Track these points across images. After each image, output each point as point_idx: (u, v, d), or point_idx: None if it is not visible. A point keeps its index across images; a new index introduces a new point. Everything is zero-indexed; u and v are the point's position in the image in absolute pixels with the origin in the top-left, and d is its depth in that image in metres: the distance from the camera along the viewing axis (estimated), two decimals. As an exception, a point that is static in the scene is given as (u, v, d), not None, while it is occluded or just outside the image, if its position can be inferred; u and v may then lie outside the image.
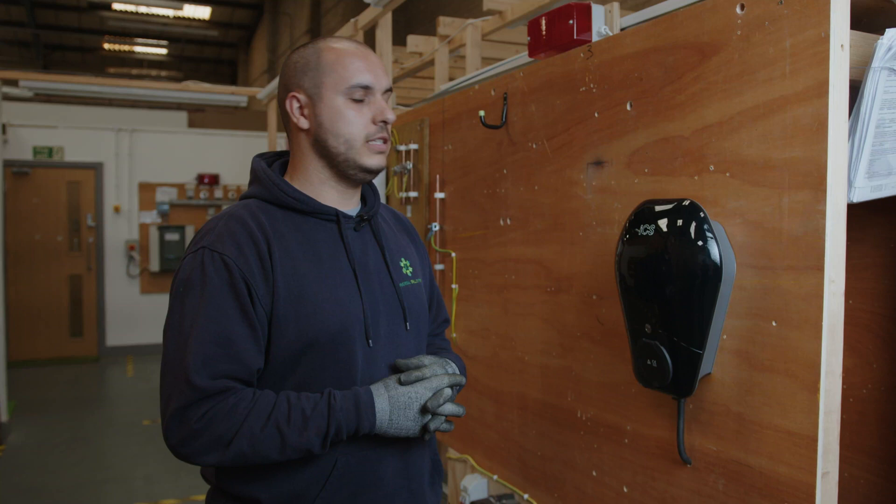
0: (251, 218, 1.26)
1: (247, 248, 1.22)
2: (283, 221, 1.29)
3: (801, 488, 1.17)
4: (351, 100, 1.28)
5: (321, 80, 1.28)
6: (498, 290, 2.10)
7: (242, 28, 16.23)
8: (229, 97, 6.32)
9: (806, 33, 1.15)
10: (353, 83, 1.27)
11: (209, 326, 1.18)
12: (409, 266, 1.42)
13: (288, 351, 1.23)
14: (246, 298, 1.20)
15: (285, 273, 1.23)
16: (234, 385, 1.18)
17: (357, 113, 1.28)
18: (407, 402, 1.23)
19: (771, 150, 1.22)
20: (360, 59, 1.29)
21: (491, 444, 2.15)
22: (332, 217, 1.31)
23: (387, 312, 1.32)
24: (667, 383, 1.33)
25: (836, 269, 1.14)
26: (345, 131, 1.28)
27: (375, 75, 1.30)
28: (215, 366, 1.17)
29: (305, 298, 1.23)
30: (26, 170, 8.21)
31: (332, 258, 1.29)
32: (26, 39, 15.65)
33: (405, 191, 2.61)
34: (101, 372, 8.22)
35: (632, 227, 1.37)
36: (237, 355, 1.18)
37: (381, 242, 1.37)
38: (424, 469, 1.39)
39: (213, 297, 1.19)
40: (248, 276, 1.20)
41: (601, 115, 1.63)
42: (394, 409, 1.22)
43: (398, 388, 1.24)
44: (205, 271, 1.20)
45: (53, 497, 4.45)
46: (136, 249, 8.72)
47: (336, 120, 1.28)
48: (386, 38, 3.18)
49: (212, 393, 1.16)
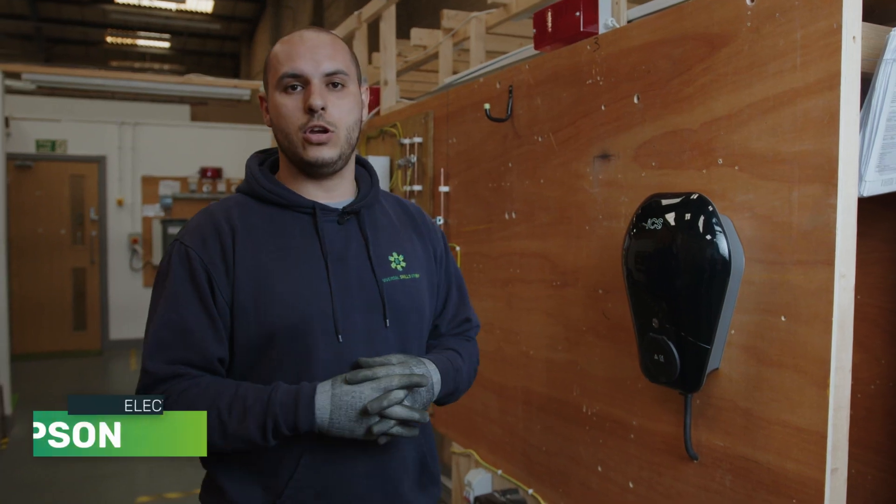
0: (222, 211, 1.28)
1: (211, 240, 1.24)
2: (259, 215, 1.29)
3: (809, 485, 1.16)
4: (283, 91, 1.25)
5: (267, 78, 1.30)
6: (502, 284, 2.09)
7: (245, 21, 16.18)
8: (232, 90, 6.30)
9: (817, 24, 1.14)
10: (281, 73, 1.25)
11: (166, 315, 1.22)
12: (401, 261, 1.36)
13: (251, 341, 1.24)
14: (206, 288, 1.22)
15: (247, 264, 1.24)
16: (188, 371, 1.21)
17: (291, 104, 1.25)
18: (350, 402, 1.17)
19: (780, 144, 1.20)
20: (292, 47, 1.26)
21: (495, 439, 2.14)
22: (307, 210, 1.30)
23: (363, 307, 1.28)
24: (674, 378, 1.32)
25: (846, 264, 1.13)
26: (282, 125, 1.26)
27: (306, 61, 1.24)
28: (169, 352, 1.20)
29: (265, 290, 1.23)
30: (29, 163, 8.20)
31: (303, 251, 1.27)
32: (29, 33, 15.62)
33: (409, 184, 2.60)
34: (104, 365, 8.22)
35: (639, 221, 1.36)
36: (193, 343, 1.21)
37: (366, 236, 1.33)
38: (405, 471, 1.33)
39: (174, 286, 1.23)
40: (209, 266, 1.23)
41: (608, 107, 1.62)
42: (335, 409, 1.17)
43: (342, 387, 1.18)
44: (171, 263, 1.25)
45: (57, 490, 4.46)
46: (140, 243, 8.71)
47: (276, 115, 1.27)
48: (390, 31, 3.16)
49: (164, 377, 1.19)
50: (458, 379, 1.35)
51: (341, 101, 1.26)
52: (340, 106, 1.25)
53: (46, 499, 4.35)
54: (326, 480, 1.25)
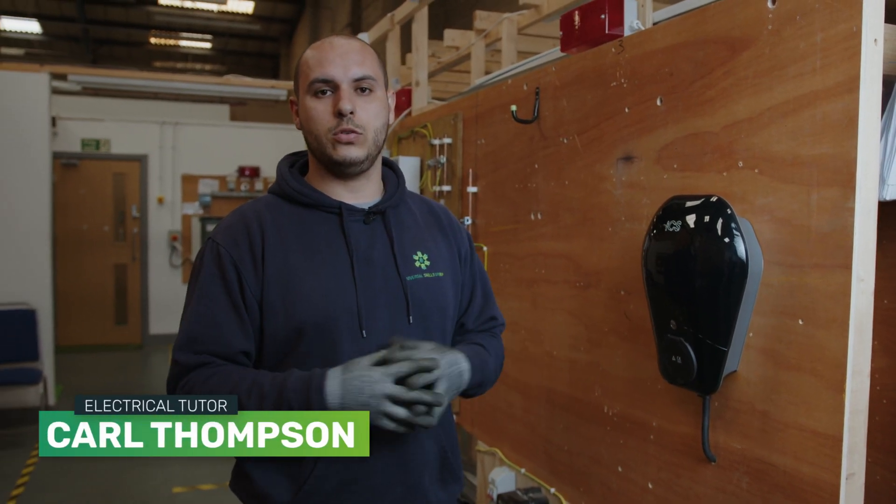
0: (253, 212, 1.34)
1: (241, 238, 1.30)
2: (288, 215, 1.34)
3: (825, 489, 1.16)
4: (313, 96, 1.31)
5: (298, 82, 1.35)
6: (528, 284, 2.10)
7: (284, 22, 16.38)
8: (269, 91, 6.40)
9: (837, 27, 1.13)
10: (312, 78, 1.30)
11: (198, 309, 1.29)
12: (426, 259, 1.39)
13: (279, 336, 1.29)
14: (234, 285, 1.28)
15: (275, 262, 1.29)
16: (213, 360, 1.27)
17: (321, 108, 1.31)
18: (359, 387, 1.17)
19: (800, 147, 1.20)
20: (322, 53, 1.32)
21: (519, 438, 2.16)
22: (334, 210, 1.34)
23: (388, 305, 1.32)
24: (691, 380, 1.33)
25: (865, 268, 1.12)
26: (312, 128, 1.32)
27: (335, 66, 1.30)
28: (198, 344, 1.27)
29: (293, 287, 1.28)
30: (74, 161, 8.43)
31: (330, 250, 1.31)
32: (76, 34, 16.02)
33: (438, 184, 2.63)
34: (144, 359, 8.42)
35: (659, 222, 1.37)
36: (219, 336, 1.27)
37: (391, 235, 1.37)
38: (426, 464, 1.35)
39: (205, 283, 1.30)
40: (238, 263, 1.29)
41: (631, 110, 1.62)
42: (346, 393, 1.17)
43: (353, 372, 1.18)
44: (203, 259, 1.32)
45: (98, 479, 4.59)
46: (179, 240, 8.89)
47: (306, 118, 1.32)
48: (422, 32, 3.19)
49: (192, 367, 1.26)
50: (484, 371, 1.37)
51: (369, 105, 1.31)
52: (368, 110, 1.31)
53: (88, 485, 4.48)
54: (348, 471, 1.28)
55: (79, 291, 8.56)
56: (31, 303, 5.81)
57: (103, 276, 8.72)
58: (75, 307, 8.55)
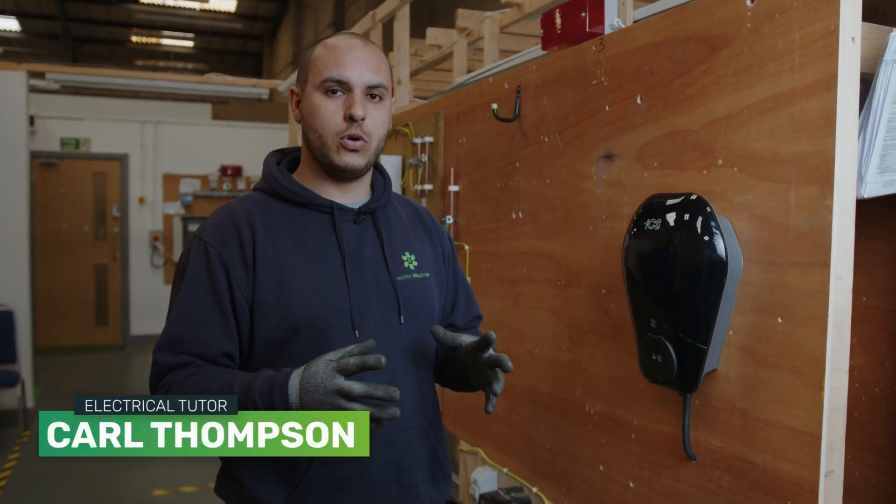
0: (242, 210, 1.31)
1: (230, 237, 1.28)
2: (278, 213, 1.32)
3: (804, 486, 1.16)
4: (324, 94, 1.28)
5: (306, 76, 1.32)
6: (510, 283, 2.10)
7: (267, 20, 16.30)
8: (251, 89, 6.36)
9: (815, 25, 1.14)
10: (326, 76, 1.28)
11: (181, 309, 1.27)
12: (413, 260, 1.40)
13: (272, 336, 1.27)
14: (222, 284, 1.26)
15: (267, 262, 1.27)
16: (192, 360, 1.25)
17: (331, 108, 1.28)
18: (314, 384, 1.14)
19: (779, 145, 1.20)
20: (342, 53, 1.29)
21: (501, 437, 2.15)
22: (326, 209, 1.33)
23: (379, 304, 1.32)
24: (671, 378, 1.32)
25: (843, 265, 1.13)
26: (318, 125, 1.29)
27: (353, 69, 1.28)
28: (180, 345, 1.25)
29: (285, 286, 1.26)
30: (54, 160, 8.34)
31: (322, 249, 1.30)
32: (56, 32, 15.86)
33: (420, 183, 2.62)
34: (125, 360, 8.34)
35: (639, 221, 1.36)
36: (202, 337, 1.25)
37: (380, 235, 1.37)
38: (420, 463, 1.36)
39: (191, 282, 1.27)
40: (227, 263, 1.26)
41: (612, 108, 1.62)
42: (303, 392, 1.15)
43: (311, 367, 1.15)
44: (189, 258, 1.29)
45: (78, 481, 4.53)
46: (160, 240, 8.82)
47: (312, 114, 1.29)
48: (403, 31, 3.18)
49: (172, 367, 1.24)
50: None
51: (378, 113, 1.31)
52: (377, 117, 1.30)
53: (67, 490, 4.43)
54: (343, 470, 1.27)
55: (58, 292, 8.47)
56: (8, 304, 5.73)
57: (83, 277, 8.63)
58: (55, 308, 8.46)
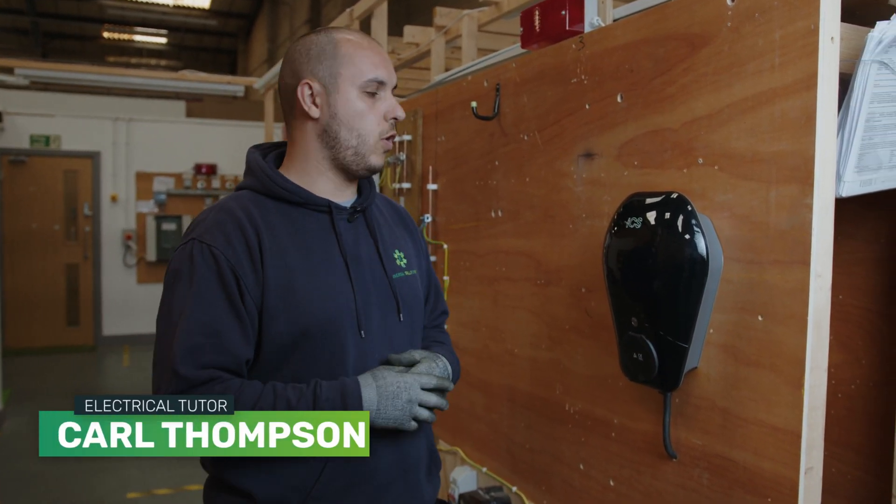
0: (241, 209, 1.26)
1: (235, 239, 1.22)
2: (275, 213, 1.28)
3: (784, 484, 1.16)
4: (365, 94, 1.28)
5: (338, 71, 1.28)
6: (489, 282, 2.09)
7: (242, 17, 16.16)
8: (226, 87, 6.30)
9: (795, 25, 1.14)
10: (370, 77, 1.28)
11: (196, 317, 1.18)
12: (403, 257, 1.41)
13: (279, 342, 1.23)
14: (234, 289, 1.20)
15: (275, 264, 1.23)
16: (220, 374, 1.19)
17: (370, 108, 1.29)
18: (395, 392, 1.21)
19: (759, 144, 1.21)
20: (376, 54, 1.30)
21: (480, 437, 2.14)
22: (324, 208, 1.31)
23: (379, 303, 1.32)
24: (652, 377, 1.32)
25: (822, 264, 1.13)
26: (358, 125, 1.28)
27: (388, 71, 1.30)
28: (202, 356, 1.17)
29: (295, 289, 1.23)
30: (23, 158, 8.19)
31: (323, 249, 1.28)
32: (25, 27, 15.58)
33: (398, 182, 2.60)
34: (97, 361, 8.22)
35: (620, 219, 1.36)
36: (224, 346, 1.19)
37: (374, 234, 1.36)
38: (421, 460, 1.38)
39: (201, 287, 1.20)
40: (236, 266, 1.21)
41: (592, 106, 1.62)
42: (381, 399, 1.20)
43: (386, 378, 1.22)
44: (193, 262, 1.21)
45: (48, 485, 4.45)
46: (133, 239, 8.71)
47: (352, 113, 1.28)
48: (381, 28, 3.16)
49: (197, 383, 1.17)
50: (457, 371, 1.44)
51: (402, 113, 1.33)
52: (402, 117, 1.32)
53: (38, 493, 4.35)
54: (354, 473, 1.27)
55: (28, 292, 8.32)
56: (-24, 304, 5.62)
57: (54, 276, 8.49)
58: (25, 308, 8.32)
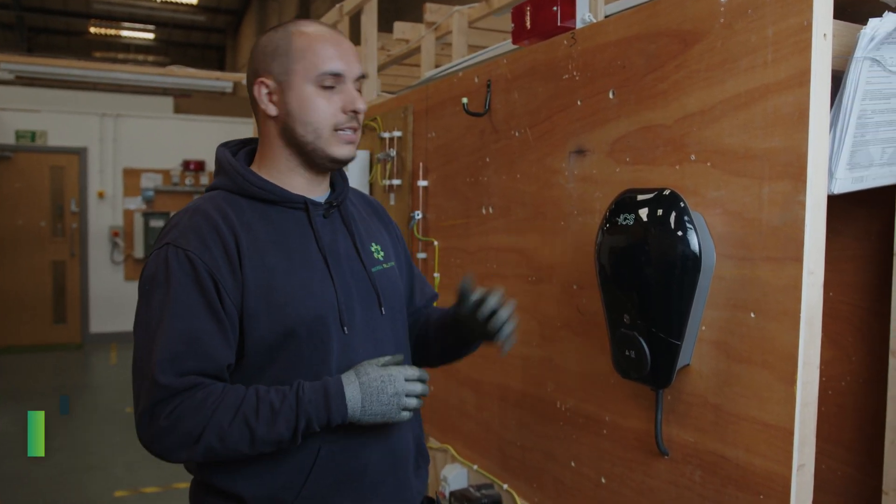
0: (216, 211, 1.23)
1: (212, 242, 1.20)
2: (250, 212, 1.26)
3: (776, 480, 1.16)
4: (320, 87, 1.24)
5: (291, 67, 1.25)
6: (480, 279, 2.08)
7: (230, 13, 16.08)
8: (214, 83, 6.26)
9: (788, 21, 1.14)
10: (324, 70, 1.24)
11: (175, 324, 1.16)
12: (380, 250, 1.40)
13: (263, 344, 1.21)
14: (212, 293, 1.18)
15: (254, 265, 1.21)
16: (202, 381, 1.17)
17: (327, 101, 1.25)
18: (380, 386, 1.19)
19: (752, 140, 1.20)
20: (332, 46, 1.25)
21: (471, 434, 2.14)
22: (300, 205, 1.29)
23: (360, 298, 1.31)
24: (644, 374, 1.32)
25: (815, 261, 1.13)
26: (313, 120, 1.24)
27: (347, 62, 1.26)
28: (182, 364, 1.15)
29: (276, 290, 1.21)
30: (8, 154, 8.11)
31: (302, 247, 1.27)
32: (10, 22, 15.43)
33: (388, 178, 2.59)
34: (84, 359, 8.16)
35: (612, 216, 1.36)
36: (205, 352, 1.17)
37: (350, 228, 1.35)
38: (409, 455, 1.37)
39: (178, 294, 1.17)
40: (213, 270, 1.18)
41: (584, 102, 1.61)
42: (365, 396, 1.19)
43: (370, 374, 1.20)
44: (169, 268, 1.18)
45: (35, 484, 4.42)
46: (121, 236, 8.65)
47: (305, 108, 1.24)
48: (371, 24, 3.14)
49: (179, 390, 1.15)
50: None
51: (362, 103, 1.30)
52: (362, 109, 1.29)
53: (26, 492, 4.31)
54: (343, 470, 1.26)
55: (14, 289, 8.25)
56: (-38, 302, 5.57)
57: (40, 274, 8.42)
58: (10, 306, 8.25)
